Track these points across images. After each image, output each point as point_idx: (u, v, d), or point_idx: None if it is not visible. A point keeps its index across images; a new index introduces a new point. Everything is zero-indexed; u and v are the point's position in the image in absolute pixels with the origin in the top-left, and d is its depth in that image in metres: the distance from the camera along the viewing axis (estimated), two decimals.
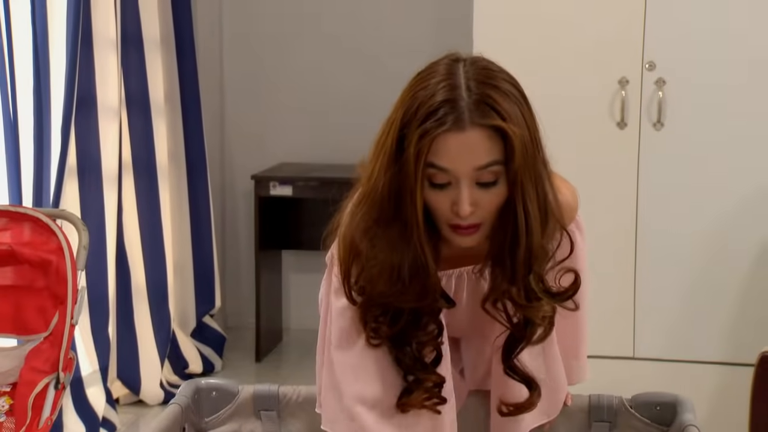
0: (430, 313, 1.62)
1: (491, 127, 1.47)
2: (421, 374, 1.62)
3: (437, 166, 1.48)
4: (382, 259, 1.55)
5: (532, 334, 1.64)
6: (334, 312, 1.67)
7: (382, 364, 1.63)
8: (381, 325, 1.60)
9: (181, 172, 4.00)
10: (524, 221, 1.52)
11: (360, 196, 1.59)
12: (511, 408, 1.71)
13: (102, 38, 3.43)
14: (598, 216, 3.05)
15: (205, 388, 1.91)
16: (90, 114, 3.40)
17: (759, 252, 3.24)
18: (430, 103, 1.48)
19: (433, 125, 1.47)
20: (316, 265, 1.81)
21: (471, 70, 1.51)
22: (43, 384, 2.24)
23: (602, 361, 3.27)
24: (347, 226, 1.61)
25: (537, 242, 1.54)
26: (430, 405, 1.64)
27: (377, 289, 1.57)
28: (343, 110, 4.38)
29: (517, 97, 1.51)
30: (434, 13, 4.28)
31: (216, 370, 4.05)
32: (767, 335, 2.73)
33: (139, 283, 3.73)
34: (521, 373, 1.68)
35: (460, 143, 1.47)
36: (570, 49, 3.23)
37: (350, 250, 1.60)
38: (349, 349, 1.65)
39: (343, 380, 1.64)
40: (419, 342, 1.61)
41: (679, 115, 3.22)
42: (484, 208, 1.52)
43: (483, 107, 1.47)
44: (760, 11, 3.16)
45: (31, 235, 2.33)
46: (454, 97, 1.48)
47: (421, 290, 1.57)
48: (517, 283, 1.57)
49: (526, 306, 1.59)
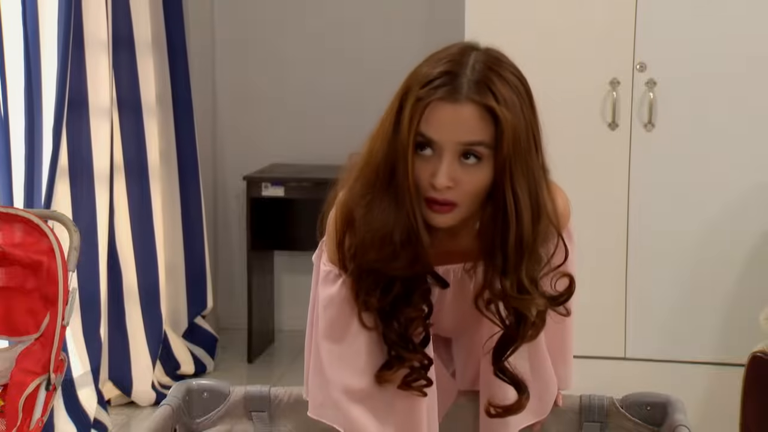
0: (421, 291, 1.63)
1: (485, 106, 1.50)
2: (404, 352, 1.63)
3: (425, 135, 1.52)
4: (375, 224, 1.57)
5: (525, 333, 1.64)
6: (322, 301, 1.68)
7: (370, 355, 1.65)
8: (371, 298, 1.61)
9: (172, 173, 3.99)
10: (514, 209, 1.54)
11: (359, 166, 1.61)
12: (500, 410, 1.71)
13: (93, 40, 3.42)
14: (589, 217, 3.05)
15: (196, 389, 1.92)
16: (81, 115, 3.39)
17: (750, 252, 3.24)
18: (432, 73, 1.53)
19: (429, 92, 1.51)
20: (308, 266, 1.82)
21: (481, 56, 1.55)
22: (34, 385, 2.23)
23: (593, 362, 3.28)
24: (345, 194, 1.63)
25: (527, 233, 1.55)
26: (417, 387, 1.65)
27: (369, 256, 1.59)
28: (336, 111, 4.38)
29: (519, 89, 1.54)
30: (426, 14, 4.29)
31: (208, 371, 4.05)
32: (758, 336, 2.74)
33: (130, 284, 3.72)
34: (511, 375, 1.68)
35: (451, 114, 1.51)
36: (561, 50, 3.23)
37: (346, 218, 1.62)
38: (336, 340, 1.66)
39: (329, 370, 1.66)
40: (408, 318, 1.62)
41: (670, 116, 3.23)
42: (462, 187, 1.53)
43: (482, 86, 1.51)
44: (751, 12, 3.16)
45: (22, 236, 2.32)
46: (457, 71, 1.52)
47: (412, 258, 1.58)
48: (509, 276, 1.57)
49: (518, 298, 1.59)
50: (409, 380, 1.66)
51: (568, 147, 3.22)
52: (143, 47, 3.75)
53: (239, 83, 4.48)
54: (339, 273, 1.65)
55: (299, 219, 4.32)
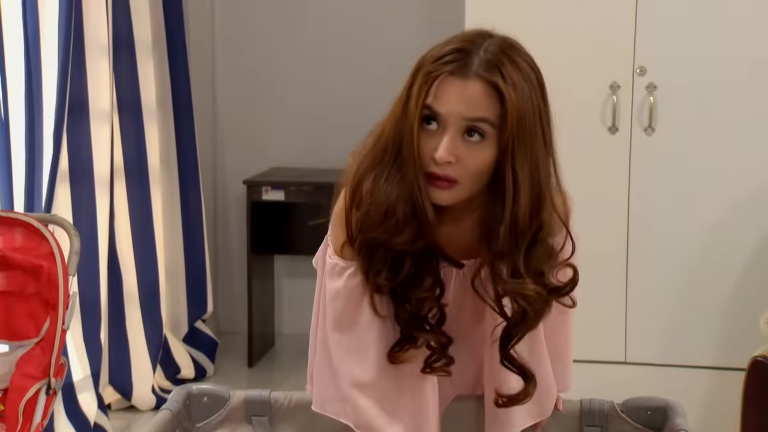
0: (430, 271, 1.63)
1: (492, 84, 1.53)
2: (417, 332, 1.64)
3: (432, 108, 1.54)
4: (380, 197, 1.59)
5: (526, 321, 1.64)
6: (329, 294, 1.68)
7: (378, 346, 1.66)
8: (380, 277, 1.62)
9: (173, 177, 3.99)
10: (512, 190, 1.55)
11: (370, 143, 1.64)
12: (505, 399, 1.72)
13: (94, 42, 3.42)
14: (589, 221, 3.05)
15: (196, 393, 1.91)
16: (82, 118, 3.39)
17: (750, 256, 3.24)
18: (445, 50, 1.56)
19: (439, 66, 1.54)
20: (308, 269, 1.82)
21: (497, 40, 1.59)
22: (35, 390, 2.23)
23: (594, 366, 3.28)
24: (356, 167, 1.64)
25: (523, 216, 1.56)
26: (440, 367, 1.67)
27: (373, 229, 1.60)
28: (336, 115, 4.38)
29: (530, 76, 1.57)
30: (426, 17, 4.29)
31: (208, 375, 4.05)
32: (758, 340, 2.74)
33: (130, 288, 3.72)
34: (517, 363, 1.69)
35: (458, 89, 1.53)
36: (561, 54, 3.23)
37: (354, 194, 1.63)
38: (344, 330, 1.67)
39: (338, 362, 1.67)
40: (419, 299, 1.63)
41: (670, 120, 3.23)
42: (463, 165, 1.54)
43: (491, 66, 1.54)
44: (751, 16, 3.17)
45: (22, 240, 2.32)
46: (469, 49, 1.55)
47: (416, 233, 1.58)
48: (505, 259, 1.59)
49: (511, 282, 1.60)
50: (430, 361, 1.67)
51: (568, 151, 3.20)
52: (143, 49, 3.75)
53: (240, 86, 4.48)
54: (345, 265, 1.66)
55: (299, 223, 4.32)
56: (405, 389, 1.68)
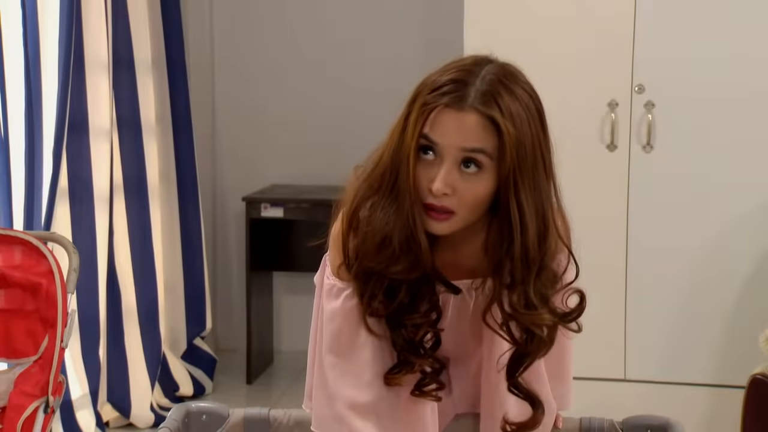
0: (428, 298, 1.63)
1: (488, 117, 1.51)
2: (412, 357, 1.63)
3: (428, 138, 1.53)
4: (376, 225, 1.58)
5: (535, 348, 1.64)
6: (326, 315, 1.68)
7: (374, 368, 1.65)
8: (376, 302, 1.61)
9: (172, 194, 4.00)
10: (519, 222, 1.54)
11: (367, 170, 1.63)
12: (514, 427, 1.71)
13: (94, 60, 3.43)
14: (587, 238, 3.05)
15: (195, 411, 1.91)
16: (81, 136, 3.40)
17: (749, 273, 3.24)
18: (442, 80, 1.55)
19: (436, 97, 1.53)
20: (307, 286, 1.82)
21: (495, 68, 1.57)
22: (33, 408, 2.23)
23: (593, 383, 3.27)
24: (354, 192, 1.64)
25: (533, 246, 1.55)
26: (430, 391, 1.66)
27: (369, 258, 1.59)
28: (335, 133, 4.39)
29: (528, 106, 1.56)
30: (424, 33, 4.30)
31: (207, 393, 4.04)
32: (758, 357, 2.73)
33: (129, 305, 3.72)
34: (524, 390, 1.68)
35: (455, 121, 1.52)
36: (560, 71, 3.24)
37: (351, 219, 1.63)
38: (340, 353, 1.66)
39: (333, 384, 1.66)
40: (414, 324, 1.63)
41: (669, 137, 3.24)
42: (460, 196, 1.54)
43: (488, 98, 1.52)
44: (749, 34, 3.18)
45: (21, 258, 2.33)
46: (466, 80, 1.54)
47: (411, 263, 1.58)
48: (516, 290, 1.58)
49: (526, 314, 1.59)
50: (421, 385, 1.66)
51: (566, 168, 3.20)
52: (143, 67, 3.76)
53: (239, 104, 4.49)
54: (343, 286, 1.65)
55: (298, 240, 4.32)
56: (402, 410, 1.67)
